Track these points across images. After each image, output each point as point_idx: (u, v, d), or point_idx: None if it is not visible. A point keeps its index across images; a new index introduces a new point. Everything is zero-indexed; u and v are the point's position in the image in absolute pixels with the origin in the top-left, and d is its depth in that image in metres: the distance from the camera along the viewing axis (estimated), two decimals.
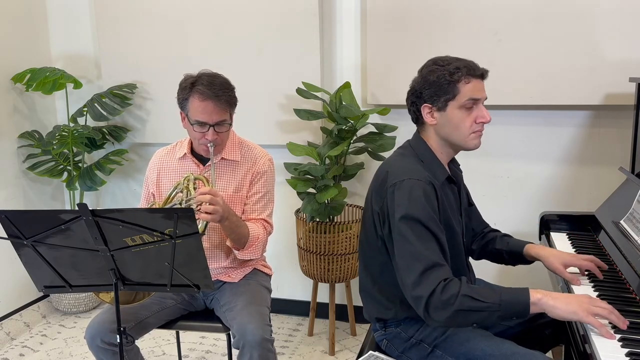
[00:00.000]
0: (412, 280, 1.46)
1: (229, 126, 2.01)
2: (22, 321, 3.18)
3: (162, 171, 2.14)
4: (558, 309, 1.39)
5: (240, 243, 1.99)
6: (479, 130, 1.61)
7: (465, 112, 1.58)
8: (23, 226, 1.55)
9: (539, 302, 1.40)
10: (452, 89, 1.56)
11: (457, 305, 1.40)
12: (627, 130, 2.40)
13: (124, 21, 3.12)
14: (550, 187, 2.70)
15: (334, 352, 2.83)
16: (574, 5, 2.43)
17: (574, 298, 1.41)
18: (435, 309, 1.42)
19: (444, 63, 1.58)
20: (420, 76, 1.62)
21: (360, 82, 2.90)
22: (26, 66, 3.11)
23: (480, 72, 1.58)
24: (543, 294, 1.41)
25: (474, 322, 1.44)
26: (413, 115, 1.68)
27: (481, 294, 1.42)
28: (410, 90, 1.65)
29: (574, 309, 1.37)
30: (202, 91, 1.92)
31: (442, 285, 1.42)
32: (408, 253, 1.48)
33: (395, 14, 2.70)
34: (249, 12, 2.90)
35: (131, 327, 1.94)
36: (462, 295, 1.41)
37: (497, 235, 1.90)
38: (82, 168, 3.22)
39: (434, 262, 1.46)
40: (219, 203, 1.82)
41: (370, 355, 1.64)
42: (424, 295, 1.43)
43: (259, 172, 2.10)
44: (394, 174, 1.58)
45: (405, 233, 1.49)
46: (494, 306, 1.40)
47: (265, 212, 2.11)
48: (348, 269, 2.79)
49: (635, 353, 1.28)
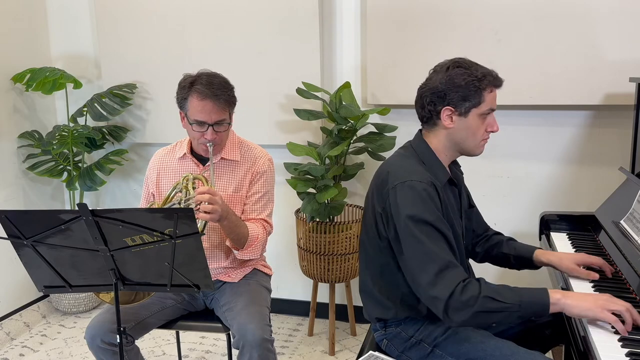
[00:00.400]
0: (427, 281, 1.46)
1: (228, 125, 2.01)
2: (22, 321, 3.18)
3: (162, 171, 2.14)
4: (575, 307, 1.40)
5: (240, 243, 1.98)
6: (487, 138, 1.63)
7: (482, 120, 1.59)
8: (23, 226, 1.55)
9: (558, 302, 1.41)
10: (479, 96, 1.55)
11: (478, 307, 1.41)
12: (627, 130, 2.40)
13: (124, 21, 3.12)
14: (550, 187, 2.70)
15: (334, 352, 2.83)
16: (574, 5, 2.43)
17: (591, 296, 1.43)
18: (455, 310, 1.42)
19: (469, 66, 1.56)
20: (445, 77, 1.56)
21: (360, 82, 2.90)
22: (26, 66, 3.11)
23: (501, 83, 1.59)
24: (562, 294, 1.42)
25: (493, 322, 1.46)
26: (427, 114, 1.62)
27: (501, 294, 1.43)
28: (430, 89, 1.59)
29: (588, 305, 1.38)
30: (201, 90, 1.92)
31: (462, 287, 1.43)
32: (421, 253, 1.48)
33: (395, 14, 2.70)
34: (249, 12, 2.90)
35: (131, 327, 1.94)
36: (483, 296, 1.42)
37: (502, 240, 1.88)
38: (82, 168, 3.22)
39: (448, 262, 1.46)
40: (217, 202, 1.81)
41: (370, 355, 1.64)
42: (443, 297, 1.43)
43: (259, 172, 2.10)
44: (396, 175, 1.57)
45: (416, 234, 1.48)
46: (514, 306, 1.41)
47: (264, 212, 2.10)
48: (348, 269, 2.79)
49: (636, 353, 1.27)
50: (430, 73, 1.63)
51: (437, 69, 1.60)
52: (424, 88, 1.61)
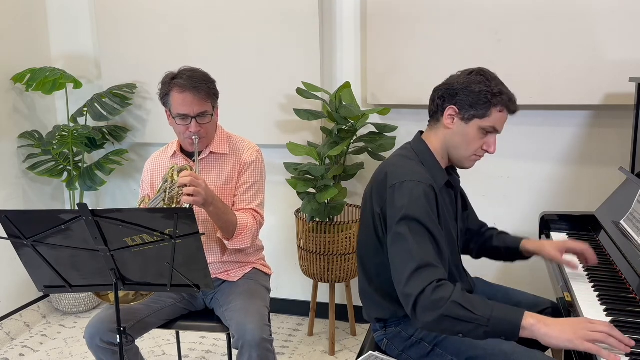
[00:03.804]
0: (404, 277, 1.44)
1: (211, 117, 2.02)
2: (22, 321, 3.18)
3: (154, 172, 2.16)
4: (552, 337, 1.32)
5: (229, 231, 1.99)
6: (480, 156, 1.62)
7: (480, 135, 1.58)
8: (23, 226, 1.55)
9: (531, 328, 1.33)
10: (486, 109, 1.54)
11: (445, 310, 1.37)
12: (627, 130, 2.40)
13: (124, 21, 3.12)
14: (550, 187, 2.70)
15: (334, 352, 2.83)
16: (574, 5, 2.43)
17: (569, 324, 1.33)
18: (423, 309, 1.40)
19: (490, 79, 1.55)
20: (464, 79, 1.56)
21: (360, 82, 2.90)
22: (26, 66, 3.11)
23: (515, 109, 1.58)
24: (537, 319, 1.34)
25: (459, 332, 1.39)
26: (434, 109, 1.63)
27: (473, 304, 1.38)
28: (446, 84, 1.59)
29: (568, 337, 1.30)
30: (181, 84, 1.95)
31: (434, 286, 1.40)
32: (403, 251, 1.47)
33: (395, 14, 2.70)
34: (249, 12, 2.90)
35: (131, 326, 1.94)
36: (452, 301, 1.37)
37: (493, 233, 1.91)
38: (82, 168, 3.22)
39: (427, 262, 1.44)
40: (200, 185, 1.83)
41: (370, 355, 1.64)
42: (414, 294, 1.41)
43: (247, 163, 2.11)
44: (395, 175, 1.57)
45: (403, 232, 1.48)
46: (482, 320, 1.36)
47: (254, 202, 2.11)
48: (348, 269, 2.79)
49: (636, 353, 1.28)
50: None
51: (461, 72, 1.61)
52: (442, 84, 1.62)
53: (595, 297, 1.58)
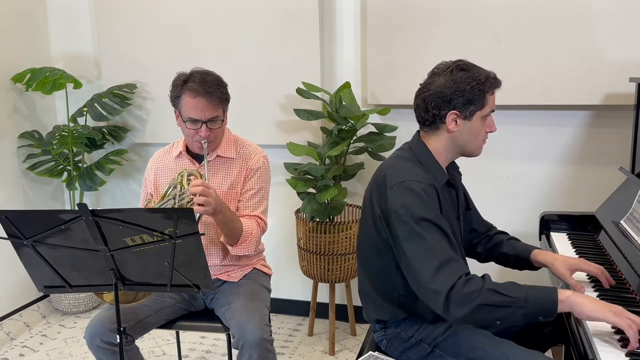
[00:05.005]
0: (428, 275, 1.43)
1: (221, 123, 2.01)
2: (22, 321, 3.18)
3: (159, 170, 2.15)
4: (586, 306, 1.35)
5: (234, 238, 1.99)
6: (486, 139, 1.65)
7: (483, 122, 1.60)
8: (23, 226, 1.55)
9: (567, 300, 1.37)
10: (482, 99, 1.56)
11: (480, 300, 1.37)
12: (627, 130, 2.40)
13: (124, 21, 3.12)
14: (550, 187, 2.70)
15: (334, 352, 2.83)
16: (574, 5, 2.43)
17: (605, 302, 1.39)
18: (457, 304, 1.39)
19: (471, 69, 1.56)
20: (450, 81, 1.55)
21: (360, 82, 2.90)
22: (26, 66, 3.11)
23: (501, 84, 1.60)
24: (571, 292, 1.39)
25: (497, 319, 1.41)
26: (430, 118, 1.60)
27: (506, 288, 1.40)
28: (435, 93, 1.57)
29: (600, 307, 1.35)
30: (194, 88, 1.93)
31: (464, 280, 1.40)
32: (422, 249, 1.46)
33: (395, 14, 2.70)
34: (249, 12, 2.90)
35: (131, 326, 1.94)
36: (487, 289, 1.39)
37: (503, 239, 1.86)
38: (82, 168, 3.22)
39: (450, 257, 1.44)
40: (211, 195, 1.82)
41: (370, 355, 1.64)
42: (443, 290, 1.40)
43: (253, 169, 2.10)
44: (394, 176, 1.57)
45: (417, 232, 1.47)
46: (520, 301, 1.37)
47: (259, 209, 2.10)
48: (348, 269, 2.79)
49: (636, 353, 1.28)
50: (429, 75, 1.61)
51: (439, 72, 1.59)
52: (428, 92, 1.58)
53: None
